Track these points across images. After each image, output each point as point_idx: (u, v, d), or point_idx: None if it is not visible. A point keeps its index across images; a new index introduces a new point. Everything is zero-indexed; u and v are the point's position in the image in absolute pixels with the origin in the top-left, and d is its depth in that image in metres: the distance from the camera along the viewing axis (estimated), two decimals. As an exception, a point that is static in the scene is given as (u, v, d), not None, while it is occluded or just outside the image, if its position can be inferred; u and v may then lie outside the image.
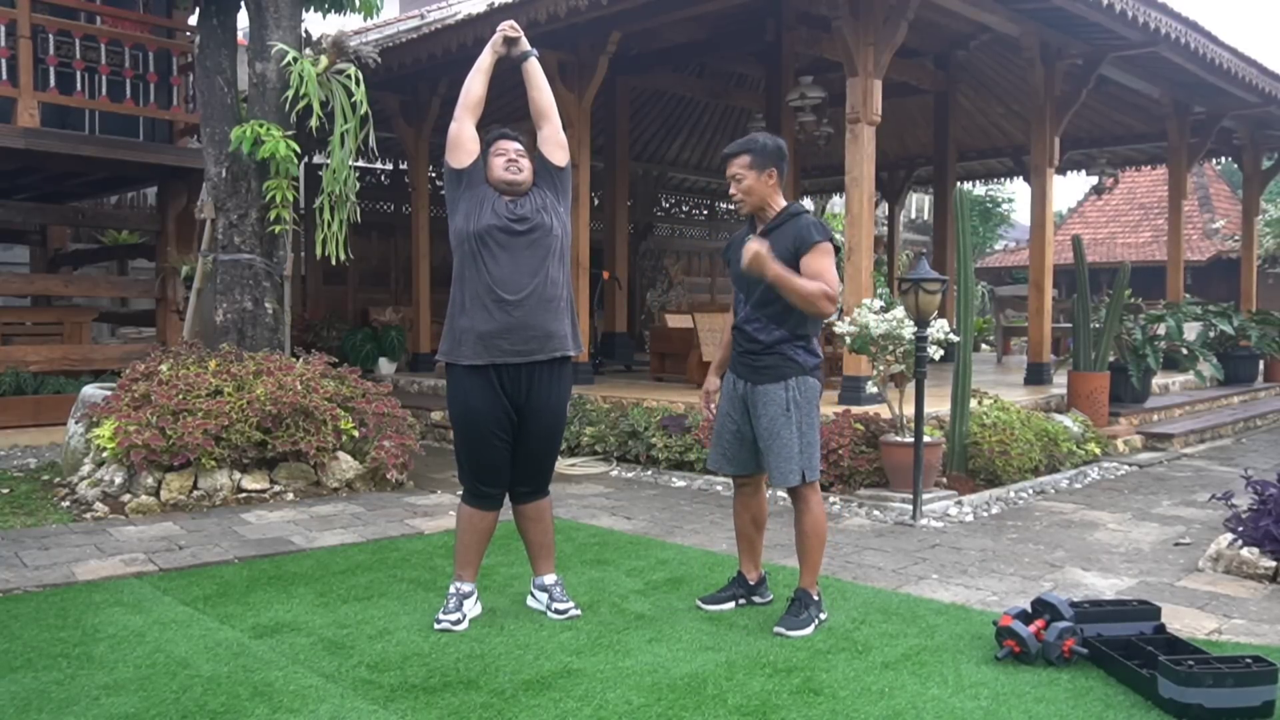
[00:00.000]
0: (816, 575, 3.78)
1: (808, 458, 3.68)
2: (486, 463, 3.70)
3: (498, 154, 3.77)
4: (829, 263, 3.65)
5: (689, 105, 14.90)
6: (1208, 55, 9.10)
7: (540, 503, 3.87)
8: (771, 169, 3.71)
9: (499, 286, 3.61)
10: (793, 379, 3.69)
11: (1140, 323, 9.02)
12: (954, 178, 13.12)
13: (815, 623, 3.70)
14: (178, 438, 5.60)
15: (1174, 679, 2.93)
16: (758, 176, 3.71)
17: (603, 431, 7.54)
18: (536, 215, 3.70)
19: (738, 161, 3.73)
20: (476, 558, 3.82)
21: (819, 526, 3.75)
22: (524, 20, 7.93)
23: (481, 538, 3.80)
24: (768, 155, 3.71)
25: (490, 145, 3.81)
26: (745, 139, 3.80)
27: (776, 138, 3.82)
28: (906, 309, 5.73)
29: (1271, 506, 4.55)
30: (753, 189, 3.72)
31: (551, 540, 3.93)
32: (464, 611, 3.71)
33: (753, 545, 4.01)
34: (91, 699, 3.00)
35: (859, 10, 7.27)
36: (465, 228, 3.67)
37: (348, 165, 6.90)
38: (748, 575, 4.01)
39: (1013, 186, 28.06)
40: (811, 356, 3.74)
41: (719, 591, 4.02)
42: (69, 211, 10.54)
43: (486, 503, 3.76)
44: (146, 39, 8.89)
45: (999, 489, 6.37)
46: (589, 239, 9.46)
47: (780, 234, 3.68)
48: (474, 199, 3.71)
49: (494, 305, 3.61)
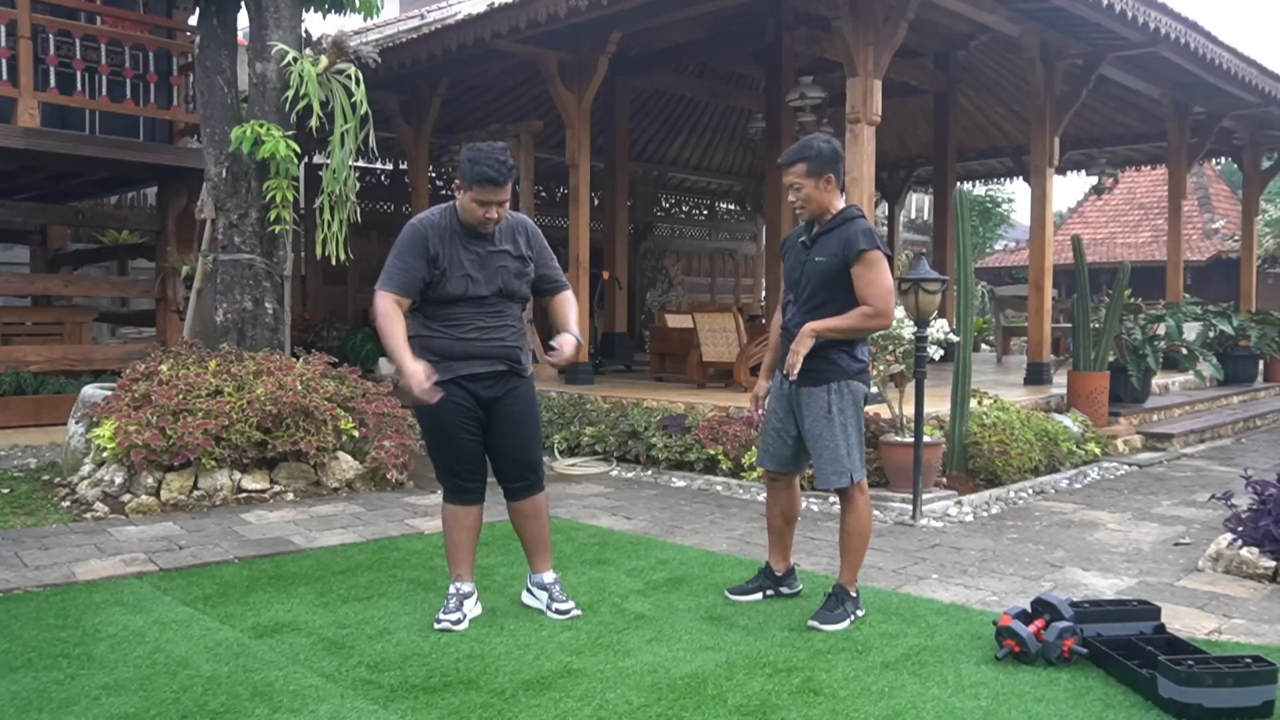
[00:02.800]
0: (857, 573, 3.81)
1: (853, 460, 3.70)
2: (460, 457, 3.71)
3: (481, 202, 3.56)
4: (876, 273, 3.60)
5: (689, 105, 14.91)
6: (1208, 55, 9.10)
7: (535, 498, 3.85)
8: (829, 174, 3.66)
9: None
10: (836, 383, 3.70)
11: (1140, 323, 9.02)
12: (954, 178, 13.13)
13: (851, 618, 3.71)
14: (178, 438, 5.60)
15: (1174, 679, 2.93)
16: (815, 184, 3.67)
17: (603, 431, 7.54)
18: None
19: (794, 170, 3.68)
20: (469, 555, 3.82)
21: (863, 527, 3.77)
22: (524, 20, 7.96)
23: (470, 534, 3.80)
24: (824, 161, 3.65)
25: (478, 183, 3.53)
26: (799, 145, 3.73)
27: (832, 140, 3.75)
28: (906, 309, 5.73)
29: (1271, 506, 4.55)
30: (811, 196, 3.69)
31: (548, 537, 3.92)
32: (464, 611, 3.71)
33: (782, 539, 4.05)
34: (91, 699, 3.00)
35: (859, 10, 7.27)
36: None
37: (348, 165, 6.90)
38: (775, 567, 4.06)
39: (1013, 186, 28.13)
40: (855, 362, 3.74)
41: (747, 582, 4.08)
42: (69, 211, 10.55)
43: (467, 497, 3.77)
44: (146, 39, 8.89)
45: (999, 489, 6.37)
46: (589, 239, 9.45)
47: (831, 237, 3.67)
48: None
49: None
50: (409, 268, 3.58)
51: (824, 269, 3.66)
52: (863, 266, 3.59)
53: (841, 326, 3.61)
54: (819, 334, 3.62)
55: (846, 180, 7.39)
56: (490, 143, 3.68)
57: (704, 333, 8.80)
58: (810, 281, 3.71)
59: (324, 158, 7.49)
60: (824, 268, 3.66)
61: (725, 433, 6.78)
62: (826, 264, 3.65)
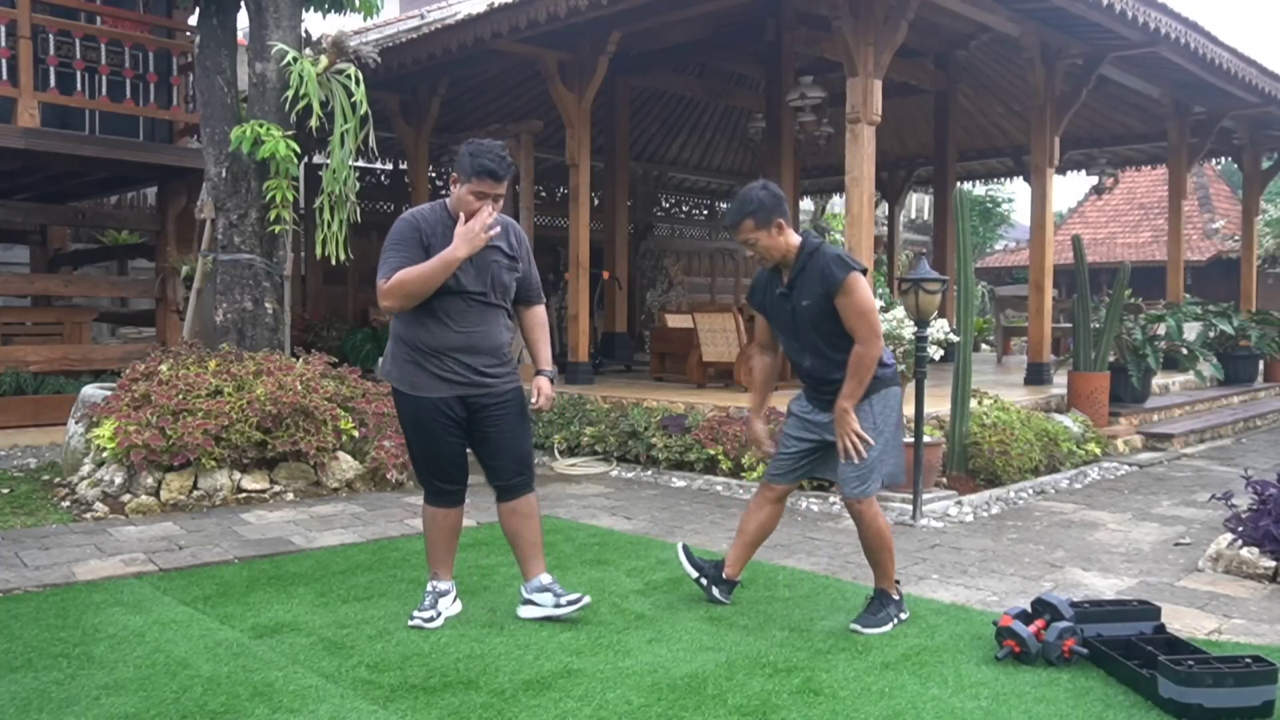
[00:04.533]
0: (891, 578, 3.80)
1: (879, 469, 3.69)
2: (440, 459, 3.70)
3: (479, 195, 3.55)
4: (859, 299, 3.56)
5: (689, 105, 14.91)
6: (1208, 55, 9.10)
7: (529, 497, 3.82)
8: (777, 220, 3.63)
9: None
10: (873, 395, 3.68)
11: (1140, 323, 9.02)
12: (954, 178, 13.12)
13: (894, 621, 3.71)
14: (178, 438, 5.60)
15: (1174, 679, 2.93)
16: (767, 233, 3.63)
17: (603, 431, 7.54)
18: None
19: (743, 228, 3.64)
20: (448, 556, 3.83)
21: (879, 535, 3.74)
22: (524, 20, 7.96)
23: (448, 536, 3.81)
24: (769, 209, 3.61)
25: (478, 175, 3.54)
26: (739, 201, 3.67)
27: (768, 185, 3.70)
28: (906, 309, 5.73)
29: (1271, 506, 4.55)
30: (768, 246, 3.66)
31: (541, 538, 3.89)
32: (439, 609, 3.73)
33: (748, 548, 4.02)
34: (91, 699, 2.99)
35: (859, 10, 7.27)
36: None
37: (348, 165, 6.90)
38: (728, 570, 4.02)
39: (1013, 186, 28.10)
40: (885, 368, 3.73)
41: (702, 560, 4.07)
42: (69, 211, 10.54)
43: (446, 500, 3.76)
44: (146, 39, 8.89)
45: (999, 489, 6.37)
46: (589, 239, 9.45)
47: (806, 278, 3.64)
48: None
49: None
50: (407, 258, 3.54)
51: (813, 312, 3.65)
52: (845, 296, 3.56)
53: (863, 381, 3.61)
54: (851, 399, 3.62)
55: (847, 180, 7.47)
56: (490, 140, 3.67)
57: (704, 333, 8.80)
58: (804, 326, 3.70)
59: (324, 158, 7.50)
60: (813, 310, 3.65)
61: (725, 433, 6.78)
62: (814, 306, 3.63)
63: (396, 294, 3.51)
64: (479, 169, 3.51)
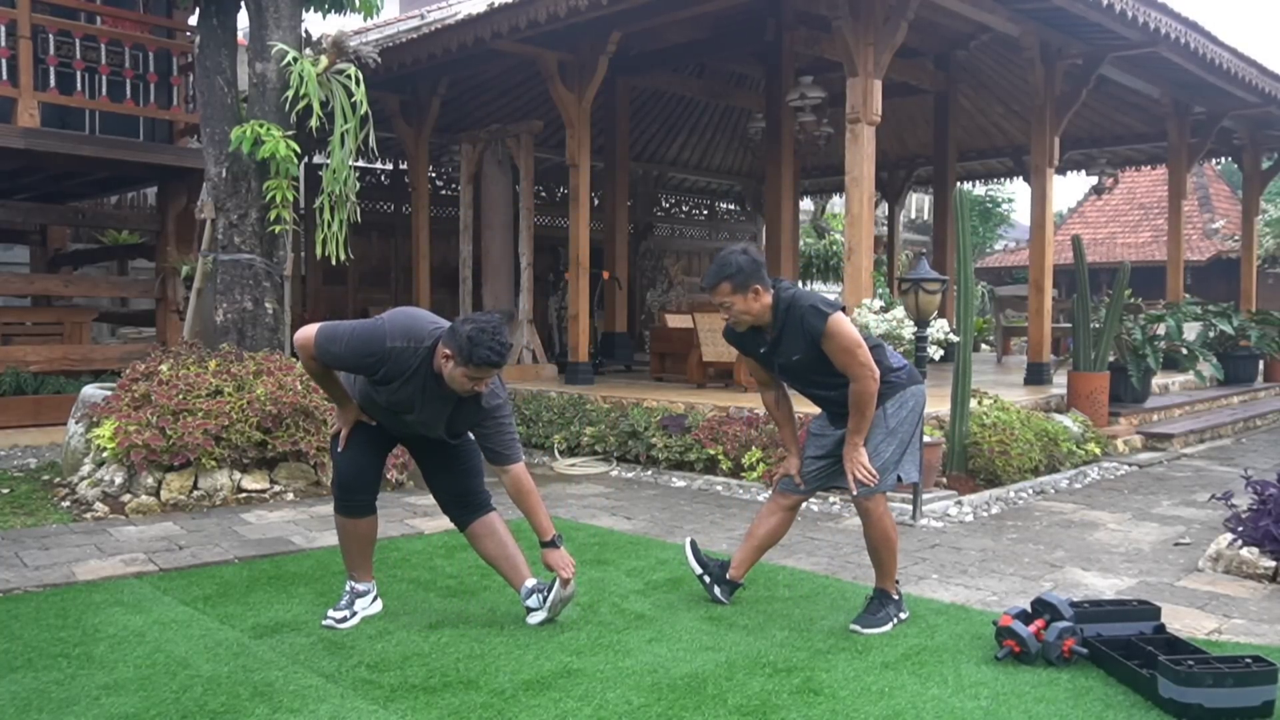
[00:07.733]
0: (893, 577, 3.80)
1: (894, 469, 3.70)
2: (349, 469, 3.72)
3: (473, 378, 3.36)
4: (843, 339, 3.54)
5: (689, 105, 14.90)
6: (1208, 55, 9.10)
7: (486, 518, 3.80)
8: (755, 285, 3.59)
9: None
10: (886, 400, 3.69)
11: (1140, 323, 9.02)
12: (954, 178, 13.11)
13: (894, 621, 3.71)
14: (178, 438, 5.60)
15: (1174, 679, 2.93)
16: (744, 297, 3.60)
17: (603, 431, 7.54)
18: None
19: (720, 290, 3.61)
20: (363, 560, 3.83)
21: (884, 535, 3.74)
22: (524, 20, 7.96)
23: (360, 542, 3.80)
24: (747, 274, 3.57)
25: (477, 365, 3.30)
26: (718, 264, 3.63)
27: (748, 249, 3.67)
28: (906, 309, 5.73)
29: (1271, 506, 4.55)
30: (744, 309, 3.63)
31: (514, 550, 3.82)
32: (355, 609, 3.74)
33: (755, 551, 4.03)
34: (91, 699, 3.00)
35: (859, 10, 7.27)
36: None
37: (348, 165, 6.89)
38: (733, 571, 4.02)
39: (1013, 186, 28.05)
40: (893, 373, 3.73)
41: (709, 558, 4.08)
42: (69, 211, 10.54)
43: (351, 510, 3.75)
44: (146, 39, 8.89)
45: (999, 489, 6.37)
46: (589, 239, 9.45)
47: (789, 334, 3.63)
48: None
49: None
50: (344, 365, 3.48)
51: (805, 362, 3.66)
52: (829, 340, 3.55)
53: (866, 415, 3.61)
54: (860, 435, 3.63)
55: (847, 180, 7.47)
56: (489, 316, 3.40)
57: (704, 333, 8.80)
58: (801, 373, 3.73)
59: (324, 158, 7.49)
60: (805, 361, 3.66)
61: (725, 433, 6.78)
62: (805, 356, 3.64)
63: (305, 361, 3.51)
64: (481, 360, 3.27)
